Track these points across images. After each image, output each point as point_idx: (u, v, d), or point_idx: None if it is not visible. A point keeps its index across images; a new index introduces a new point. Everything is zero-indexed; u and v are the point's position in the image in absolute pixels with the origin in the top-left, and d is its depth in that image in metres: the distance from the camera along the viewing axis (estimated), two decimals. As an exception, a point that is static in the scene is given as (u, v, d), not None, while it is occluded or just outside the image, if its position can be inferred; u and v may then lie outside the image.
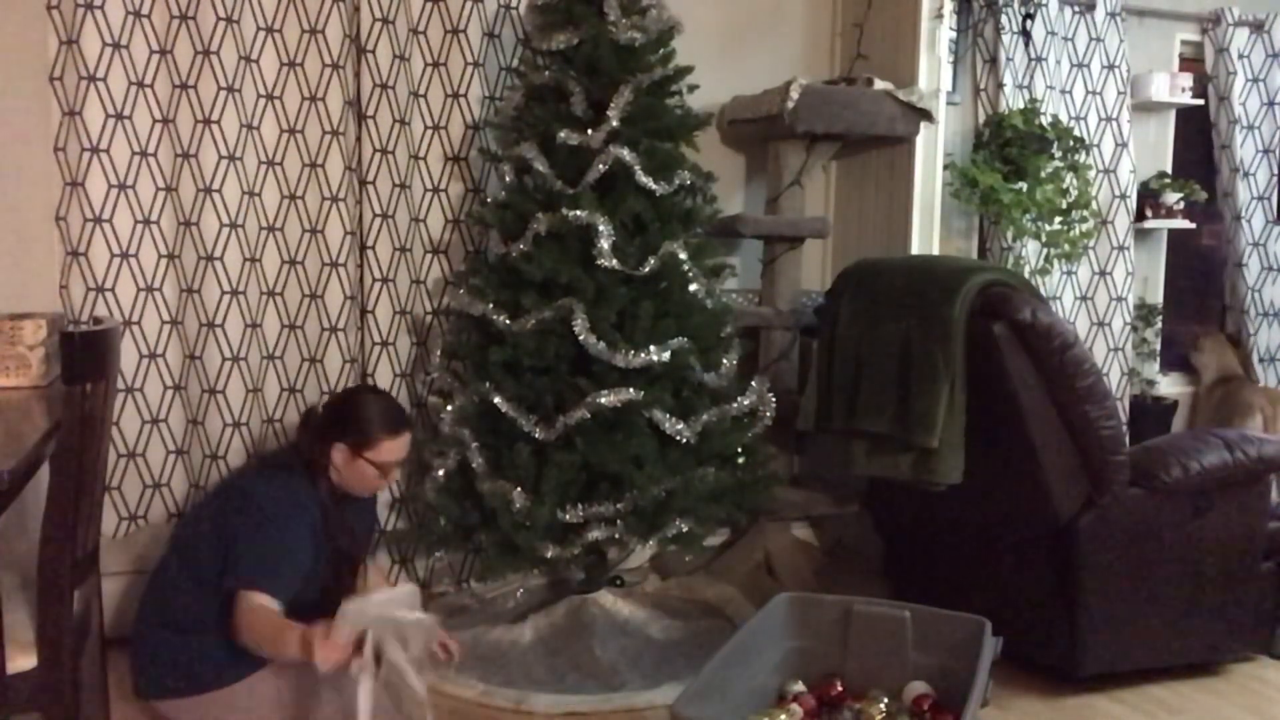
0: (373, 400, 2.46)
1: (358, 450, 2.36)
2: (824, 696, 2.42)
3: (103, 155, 2.93)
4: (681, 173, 2.93)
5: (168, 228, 3.03)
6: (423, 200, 3.29)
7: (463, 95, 3.27)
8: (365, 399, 2.45)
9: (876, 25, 3.73)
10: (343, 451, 2.36)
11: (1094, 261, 4.16)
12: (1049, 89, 4.02)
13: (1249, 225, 4.43)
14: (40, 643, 1.79)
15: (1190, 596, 2.76)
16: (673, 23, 2.97)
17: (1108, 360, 4.20)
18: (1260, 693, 2.82)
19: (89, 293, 2.96)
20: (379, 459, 2.37)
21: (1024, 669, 2.84)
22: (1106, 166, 4.15)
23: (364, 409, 2.40)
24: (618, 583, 3.30)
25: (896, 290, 2.89)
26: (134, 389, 3.03)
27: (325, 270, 3.15)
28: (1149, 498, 2.68)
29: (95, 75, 2.90)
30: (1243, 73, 4.36)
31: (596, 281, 2.78)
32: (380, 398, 2.51)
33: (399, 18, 3.16)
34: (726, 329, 3.04)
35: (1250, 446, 2.77)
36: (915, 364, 2.77)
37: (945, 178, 3.72)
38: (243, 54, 3.01)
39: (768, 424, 3.07)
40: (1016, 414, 2.62)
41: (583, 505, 2.72)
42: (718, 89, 3.62)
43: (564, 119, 2.87)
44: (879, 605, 2.53)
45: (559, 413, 2.75)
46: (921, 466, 2.77)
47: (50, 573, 1.77)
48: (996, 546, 2.88)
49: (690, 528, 2.81)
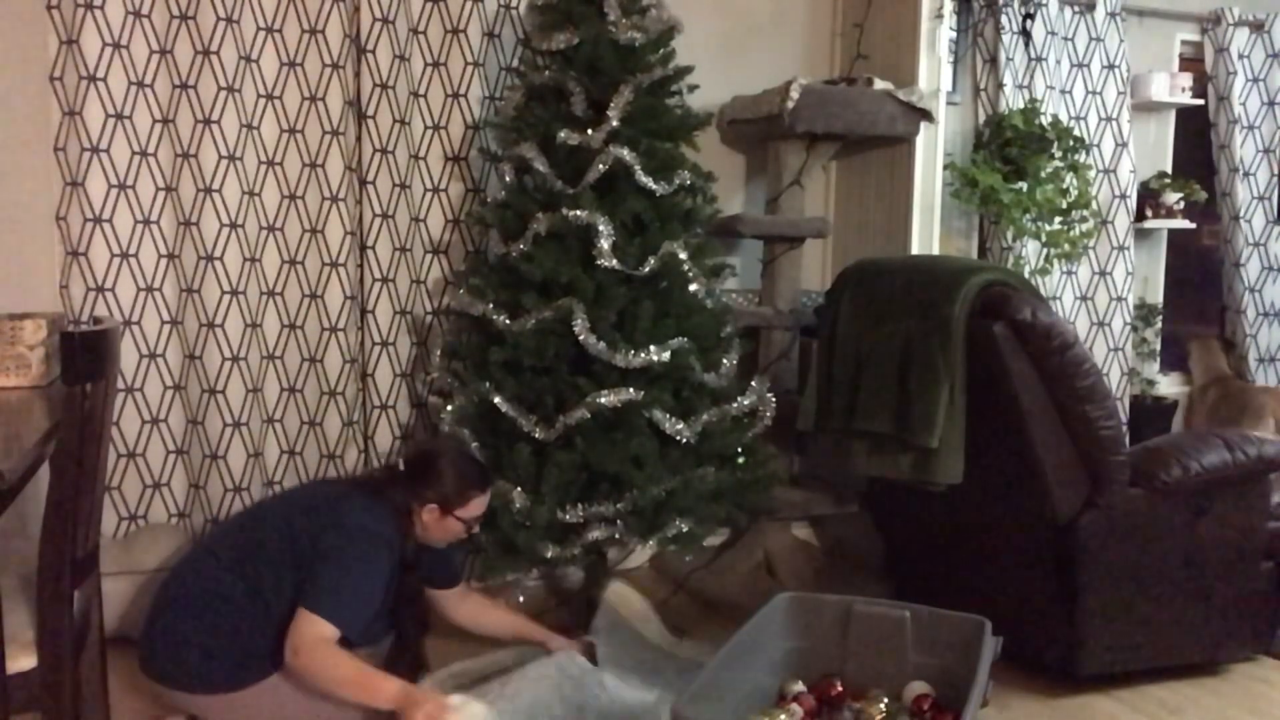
0: (461, 459, 2.50)
1: (448, 510, 2.40)
2: (824, 696, 2.43)
3: (103, 155, 2.93)
4: (681, 173, 2.93)
5: (168, 228, 3.03)
6: (423, 200, 3.29)
7: (463, 95, 3.27)
8: (460, 458, 2.49)
9: (876, 25, 3.73)
10: (433, 512, 2.40)
11: (1094, 261, 4.16)
12: (1049, 89, 4.02)
13: (1249, 225, 4.43)
14: (40, 643, 1.78)
15: (1190, 596, 2.76)
16: (673, 23, 2.97)
17: (1108, 360, 4.20)
18: (1260, 693, 2.82)
19: (89, 293, 2.96)
20: (467, 515, 2.43)
21: (1024, 669, 2.83)
22: (1106, 166, 4.15)
23: (460, 469, 2.45)
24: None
25: (896, 290, 2.89)
26: (134, 389, 3.03)
27: (325, 270, 3.15)
28: (1149, 498, 2.68)
29: (95, 75, 2.90)
30: (1243, 73, 4.36)
31: (596, 281, 2.78)
32: (465, 456, 2.55)
33: (399, 18, 3.16)
34: (726, 329, 3.05)
35: (1250, 446, 2.77)
36: (915, 364, 2.77)
37: (945, 178, 3.71)
38: (243, 54, 3.02)
39: (768, 424, 3.08)
40: (1016, 414, 2.62)
41: (583, 505, 2.72)
42: (718, 89, 3.61)
43: (564, 119, 2.87)
44: (879, 605, 2.53)
45: (559, 413, 2.75)
46: (921, 467, 2.77)
47: (50, 573, 1.77)
48: (996, 546, 2.88)
49: (690, 528, 2.81)
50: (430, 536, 2.44)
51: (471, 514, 2.45)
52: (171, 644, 2.24)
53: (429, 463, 2.44)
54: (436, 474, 2.41)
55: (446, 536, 2.46)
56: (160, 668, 2.25)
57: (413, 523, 2.39)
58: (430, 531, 2.43)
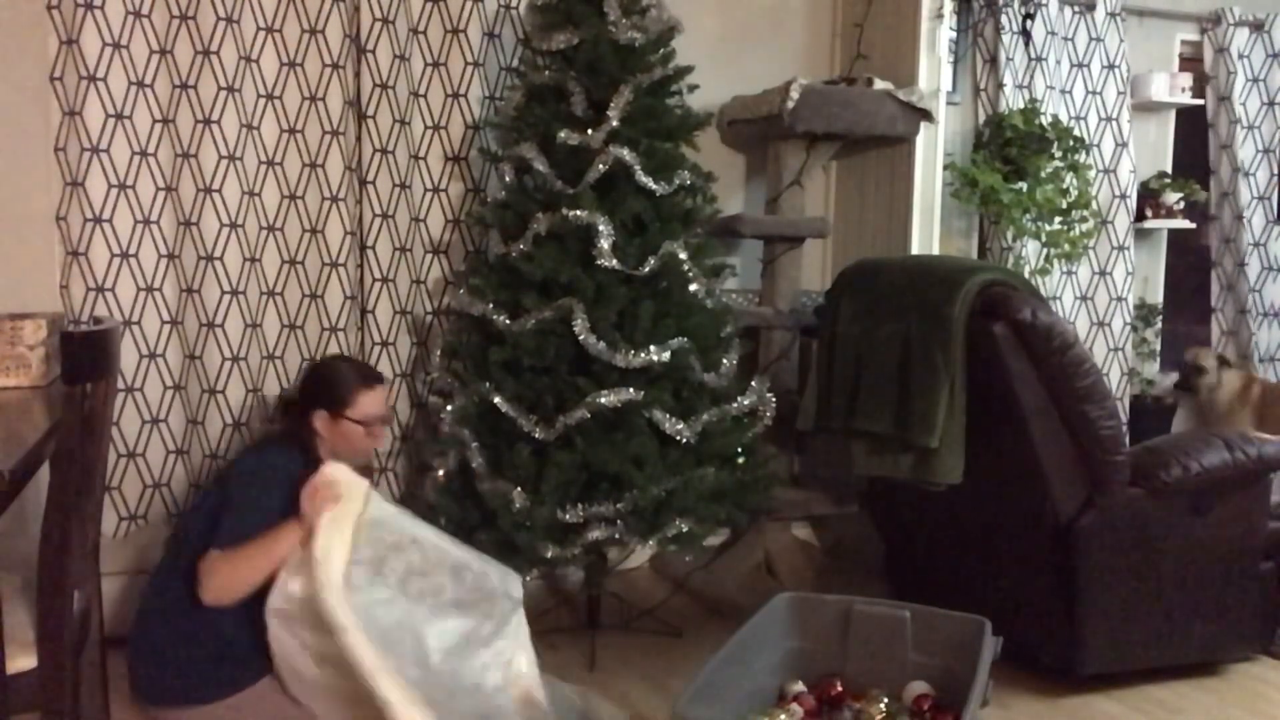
0: (339, 362, 2.54)
1: (338, 412, 2.40)
2: (824, 696, 2.42)
3: (103, 155, 2.93)
4: (681, 173, 2.93)
5: (168, 228, 3.03)
6: (423, 200, 3.29)
7: (463, 95, 3.27)
8: (332, 363, 2.53)
9: (876, 25, 3.73)
10: (324, 418, 2.40)
11: (1094, 261, 4.16)
12: (1049, 89, 4.02)
13: (1249, 225, 4.43)
14: (40, 643, 1.78)
15: (1190, 596, 2.76)
16: (673, 23, 2.98)
17: (1108, 360, 4.20)
18: (1260, 693, 2.82)
19: (89, 293, 2.96)
20: (359, 415, 2.41)
21: (1024, 669, 2.83)
22: (1106, 166, 4.15)
23: (333, 371, 2.47)
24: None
25: (896, 290, 2.89)
26: (134, 389, 3.03)
27: (325, 270, 3.15)
28: (1149, 498, 2.68)
29: (95, 75, 2.90)
30: (1243, 73, 4.36)
31: (596, 281, 2.78)
32: (346, 359, 2.60)
33: (399, 18, 3.16)
34: (726, 329, 3.05)
35: (1250, 446, 2.77)
36: (915, 364, 2.77)
37: (945, 178, 3.72)
38: (243, 54, 3.02)
39: (768, 424, 3.08)
40: (1016, 414, 2.62)
41: (583, 505, 2.72)
42: (718, 89, 3.62)
43: (564, 119, 2.87)
44: (879, 605, 2.53)
45: (559, 413, 2.75)
46: (921, 466, 2.77)
47: (50, 573, 1.77)
48: (996, 546, 2.88)
49: (690, 528, 2.81)
50: (337, 449, 2.41)
51: (363, 412, 2.42)
52: (154, 663, 2.24)
53: (310, 377, 2.48)
54: (317, 384, 2.44)
55: (351, 444, 2.43)
56: (147, 689, 2.25)
57: (314, 441, 2.40)
58: (334, 443, 2.41)
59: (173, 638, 2.23)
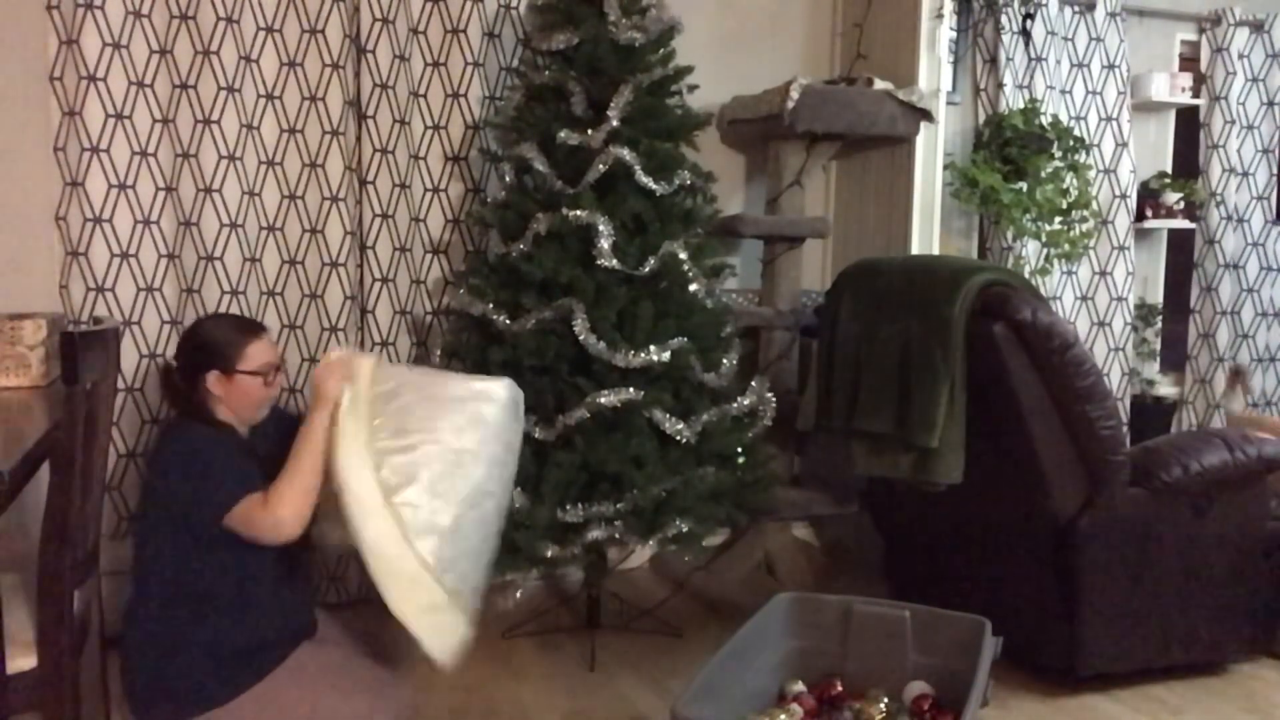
0: (216, 319, 2.41)
1: (228, 368, 2.22)
2: (824, 696, 2.42)
3: (103, 155, 2.93)
4: (681, 173, 2.93)
5: (168, 228, 3.03)
6: (423, 200, 3.29)
7: (463, 95, 3.27)
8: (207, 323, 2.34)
9: (876, 25, 3.73)
10: (216, 378, 2.21)
11: (1094, 261, 4.16)
12: (1049, 89, 4.02)
13: (1249, 225, 4.43)
14: (40, 643, 1.78)
15: (1190, 596, 2.76)
16: (673, 23, 2.98)
17: (1108, 360, 4.20)
18: (1260, 693, 2.82)
19: (89, 293, 2.96)
20: (253, 366, 2.23)
21: (1024, 669, 2.84)
22: (1106, 166, 4.15)
23: (213, 329, 2.29)
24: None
25: (896, 290, 2.90)
26: (134, 389, 3.03)
27: (325, 270, 3.15)
28: (1149, 498, 2.68)
29: (95, 75, 2.90)
30: (1242, 73, 4.36)
31: (596, 281, 2.78)
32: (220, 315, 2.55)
33: (399, 18, 3.16)
34: (726, 329, 3.05)
35: (1250, 446, 2.77)
36: (915, 364, 2.77)
37: (945, 178, 3.72)
38: (243, 54, 3.02)
39: (768, 424, 3.08)
40: (1016, 414, 2.62)
41: (583, 505, 2.72)
42: (718, 89, 3.62)
43: (564, 119, 2.88)
44: (879, 605, 2.53)
45: (559, 413, 2.75)
46: (921, 466, 2.77)
47: (50, 573, 1.77)
48: (996, 547, 2.88)
49: (690, 528, 2.81)
50: (240, 408, 2.24)
51: (255, 363, 2.23)
52: (151, 677, 2.17)
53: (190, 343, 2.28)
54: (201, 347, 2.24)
55: (251, 397, 2.25)
56: (147, 706, 2.20)
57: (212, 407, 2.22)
58: (233, 404, 2.23)
59: (148, 652, 2.09)
